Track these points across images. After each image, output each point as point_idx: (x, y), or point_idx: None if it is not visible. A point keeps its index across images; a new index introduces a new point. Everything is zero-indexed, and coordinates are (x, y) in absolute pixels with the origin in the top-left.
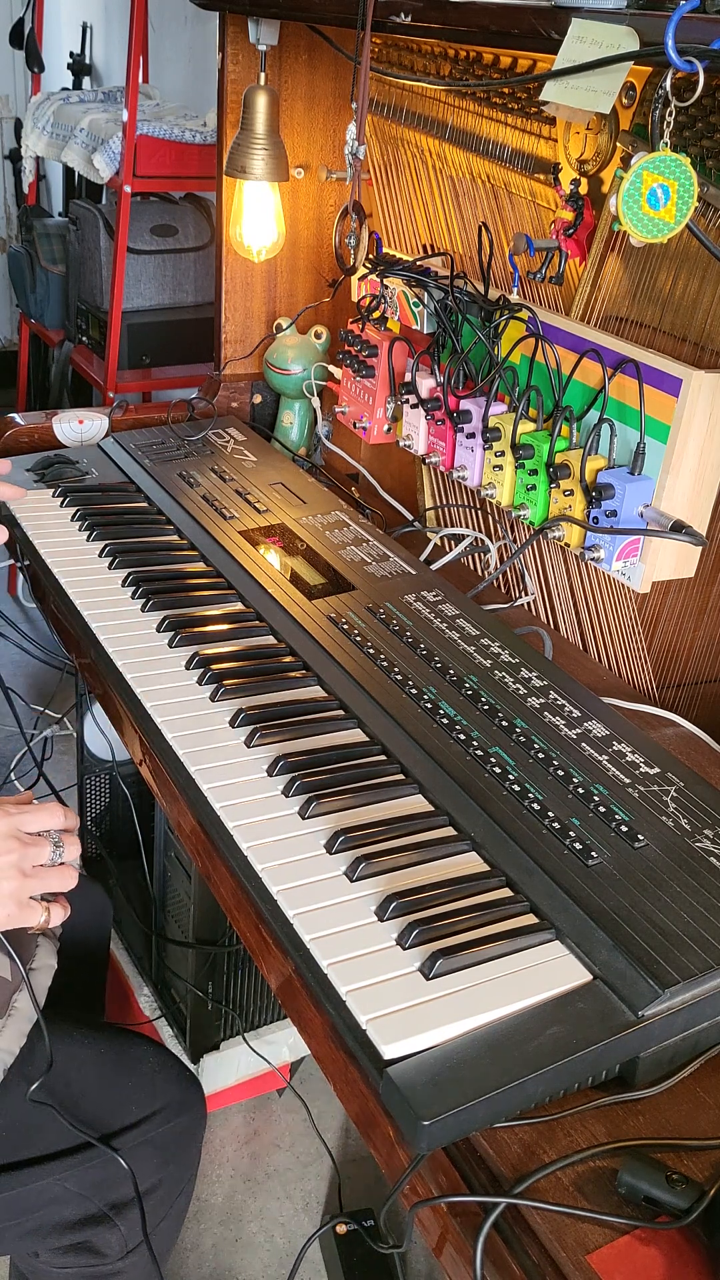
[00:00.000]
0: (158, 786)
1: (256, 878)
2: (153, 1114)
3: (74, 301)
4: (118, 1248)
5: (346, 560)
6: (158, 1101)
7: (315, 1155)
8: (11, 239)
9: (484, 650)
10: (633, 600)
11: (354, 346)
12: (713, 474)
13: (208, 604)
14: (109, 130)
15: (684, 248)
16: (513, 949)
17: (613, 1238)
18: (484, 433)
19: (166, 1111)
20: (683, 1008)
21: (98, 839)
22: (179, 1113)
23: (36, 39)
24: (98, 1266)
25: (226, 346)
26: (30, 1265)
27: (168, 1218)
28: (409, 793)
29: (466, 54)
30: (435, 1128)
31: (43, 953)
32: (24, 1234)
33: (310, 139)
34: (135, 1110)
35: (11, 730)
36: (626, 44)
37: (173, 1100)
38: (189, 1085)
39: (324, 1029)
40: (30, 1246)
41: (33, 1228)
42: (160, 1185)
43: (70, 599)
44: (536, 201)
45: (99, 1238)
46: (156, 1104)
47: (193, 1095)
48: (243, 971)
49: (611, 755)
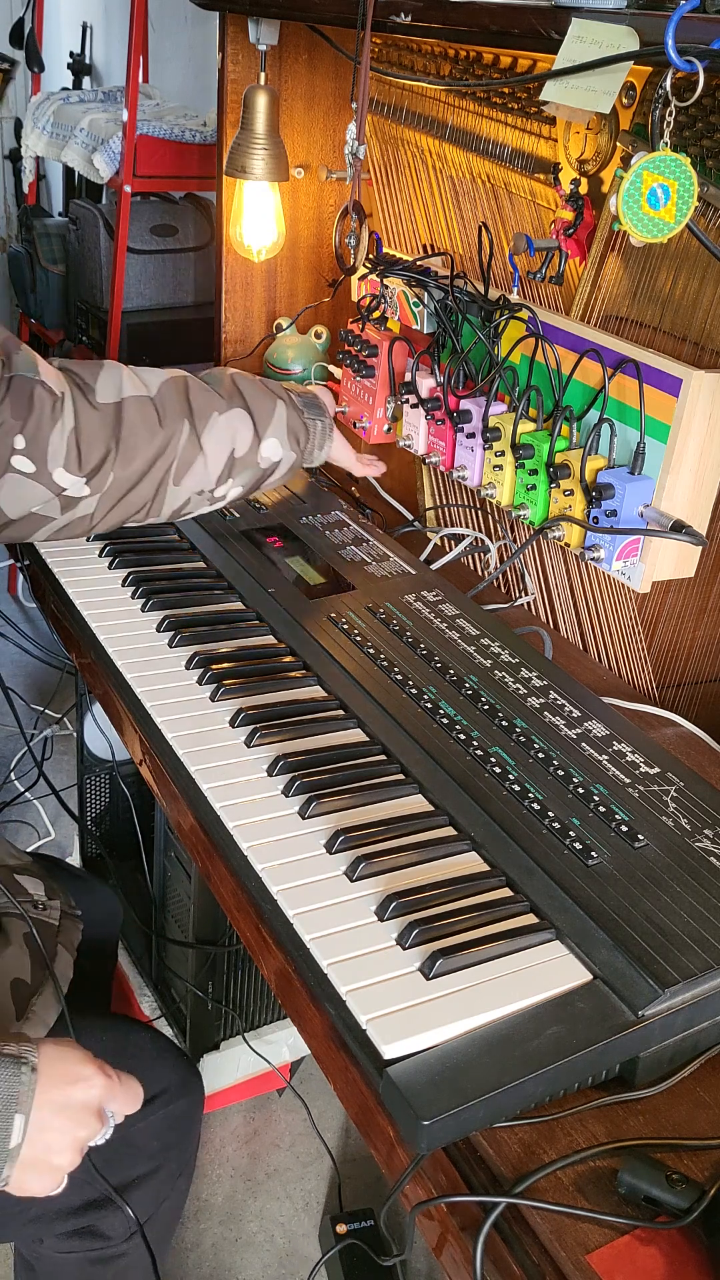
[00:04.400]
0: (158, 786)
1: (256, 877)
2: (153, 1098)
3: (74, 301)
4: (122, 1230)
5: (346, 560)
6: (157, 1086)
7: (315, 1155)
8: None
9: (484, 650)
10: (633, 600)
11: (354, 346)
12: (713, 474)
13: (208, 604)
14: (109, 130)
15: (684, 248)
16: (513, 949)
17: (613, 1238)
18: (484, 433)
19: (166, 1095)
20: (683, 1007)
21: (98, 839)
22: (179, 1096)
23: (36, 39)
24: (103, 1250)
25: (226, 346)
26: (35, 1252)
27: (170, 1198)
28: (409, 792)
29: (466, 54)
30: (435, 1127)
31: (61, 962)
32: (28, 1221)
33: (310, 139)
34: None
35: (11, 730)
36: (626, 44)
37: (172, 1083)
38: (187, 1069)
39: (324, 1029)
40: (35, 1233)
41: (37, 1214)
42: (162, 1168)
43: (70, 599)
44: (536, 201)
45: (103, 1221)
46: (156, 1088)
47: (190, 1078)
48: (243, 971)
49: (611, 755)
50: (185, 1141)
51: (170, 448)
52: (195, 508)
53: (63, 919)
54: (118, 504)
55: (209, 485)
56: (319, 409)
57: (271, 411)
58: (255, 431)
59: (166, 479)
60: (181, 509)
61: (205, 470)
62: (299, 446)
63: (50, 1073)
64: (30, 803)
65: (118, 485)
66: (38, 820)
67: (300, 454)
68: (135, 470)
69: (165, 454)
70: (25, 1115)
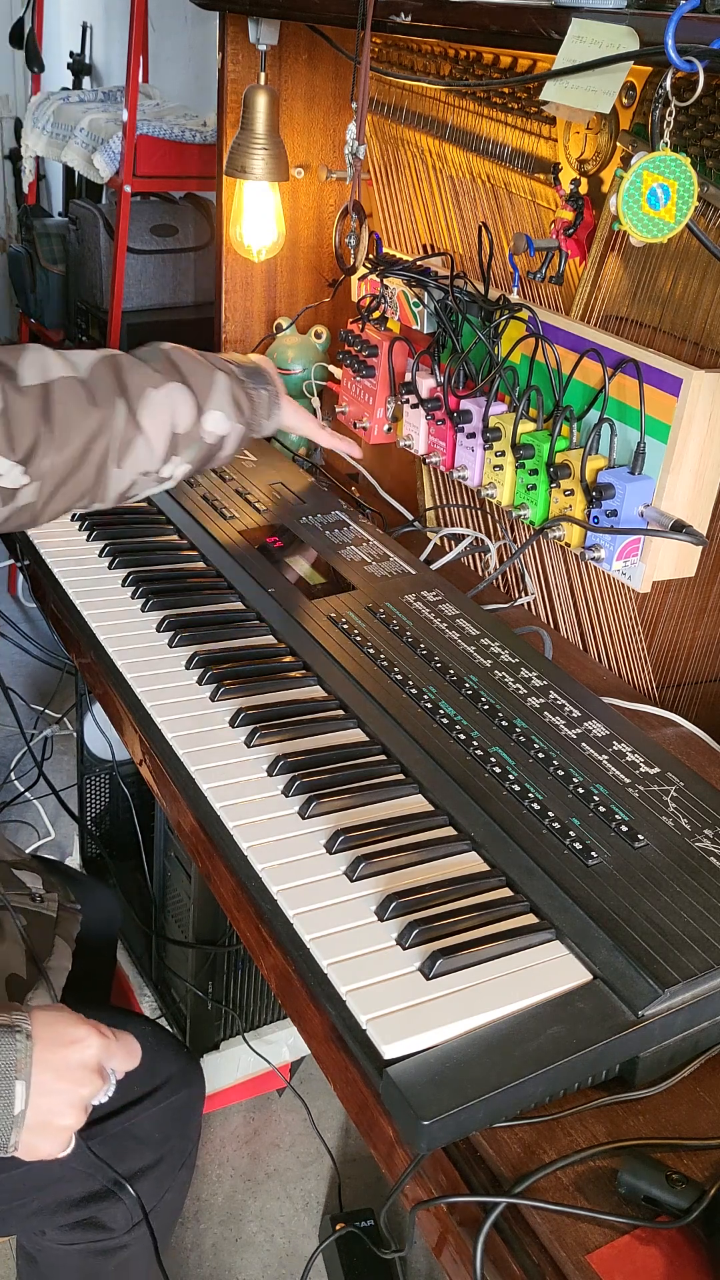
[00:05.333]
0: (158, 786)
1: (256, 877)
2: (154, 1090)
3: (74, 301)
4: (124, 1221)
5: (346, 560)
6: (158, 1078)
7: (315, 1155)
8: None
9: (484, 650)
10: (633, 600)
11: (354, 346)
12: (713, 473)
13: (208, 604)
14: (109, 130)
15: (684, 247)
16: (513, 949)
17: (613, 1237)
18: (484, 433)
19: (167, 1087)
20: (683, 1007)
21: (98, 839)
22: (179, 1087)
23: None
24: (104, 1241)
25: (226, 346)
26: (37, 1244)
27: (171, 1189)
28: (409, 792)
29: (466, 54)
30: (435, 1128)
31: (58, 954)
32: (30, 1213)
33: (310, 139)
34: (137, 1087)
35: (11, 730)
36: (626, 44)
37: (172, 1075)
38: (187, 1060)
39: (324, 1029)
40: (37, 1225)
41: (39, 1206)
42: (164, 1159)
43: (70, 599)
44: (536, 201)
45: (105, 1213)
46: (157, 1080)
47: (191, 1069)
48: (243, 971)
49: (611, 755)
50: (186, 1132)
51: (106, 428)
52: (142, 489)
53: (60, 911)
54: (59, 490)
55: (153, 466)
56: (262, 377)
57: (211, 383)
58: (196, 405)
59: (107, 461)
60: (127, 491)
61: (148, 449)
62: (244, 417)
63: (45, 1037)
64: (30, 803)
65: (56, 471)
66: (38, 820)
67: (247, 425)
68: (72, 454)
69: (101, 435)
70: (25, 1081)
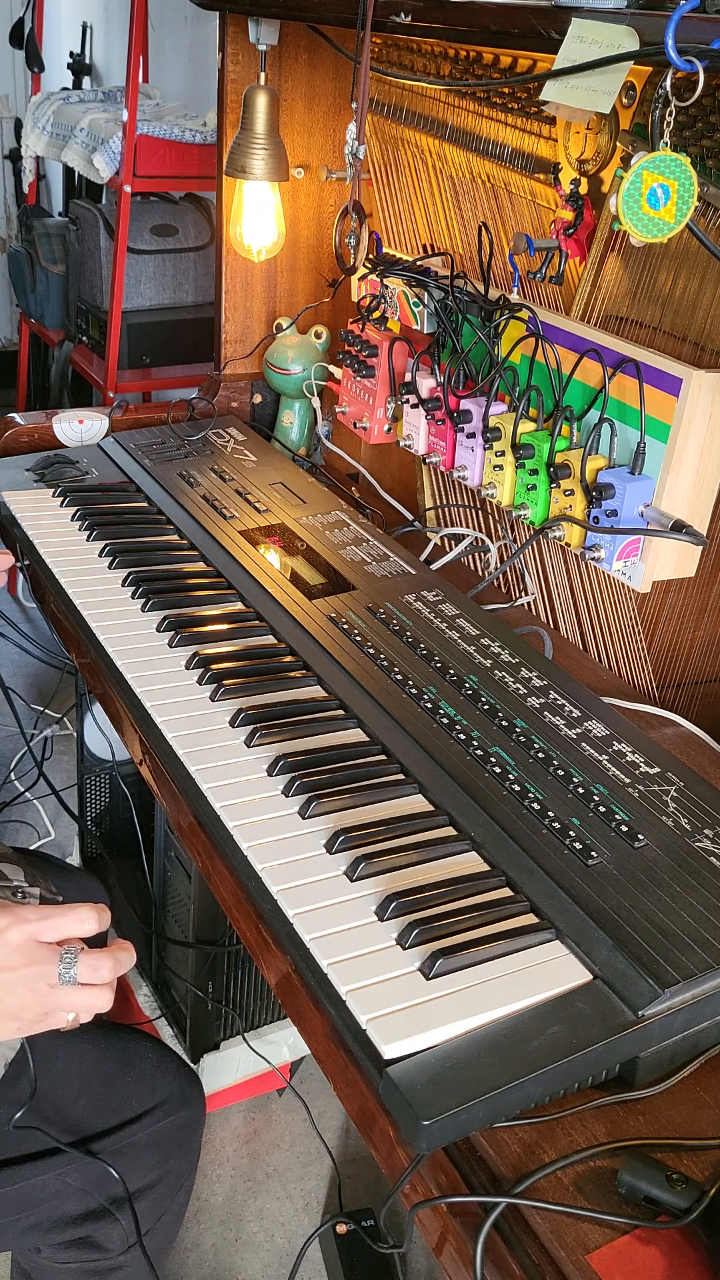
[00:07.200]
0: (158, 786)
1: (256, 877)
2: (153, 1108)
3: (74, 301)
4: (119, 1242)
5: (346, 560)
6: (157, 1096)
7: (315, 1155)
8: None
9: (484, 650)
10: (633, 600)
11: (354, 346)
12: (713, 473)
13: (208, 604)
14: (109, 130)
15: (684, 247)
16: (513, 949)
17: (613, 1237)
18: (484, 433)
19: (166, 1106)
20: (683, 1007)
21: (98, 839)
22: (179, 1108)
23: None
24: (99, 1261)
25: (226, 346)
26: (32, 1261)
27: (169, 1211)
28: (409, 792)
29: (466, 54)
30: (435, 1128)
31: None
32: (25, 1230)
33: (310, 139)
34: (135, 1106)
35: (11, 730)
36: (626, 44)
37: (172, 1095)
38: (188, 1080)
39: (324, 1029)
40: (32, 1242)
41: (34, 1223)
42: (161, 1180)
43: (70, 599)
44: (536, 201)
45: (100, 1232)
46: (156, 1099)
47: (192, 1090)
48: (243, 971)
49: (611, 755)
50: (186, 1153)
51: None
52: None
53: (43, 904)
54: None
55: None
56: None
57: None
58: None
59: None
60: None
61: None
62: None
63: None
64: (30, 803)
65: None
66: (38, 820)
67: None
68: None
69: None
70: None
